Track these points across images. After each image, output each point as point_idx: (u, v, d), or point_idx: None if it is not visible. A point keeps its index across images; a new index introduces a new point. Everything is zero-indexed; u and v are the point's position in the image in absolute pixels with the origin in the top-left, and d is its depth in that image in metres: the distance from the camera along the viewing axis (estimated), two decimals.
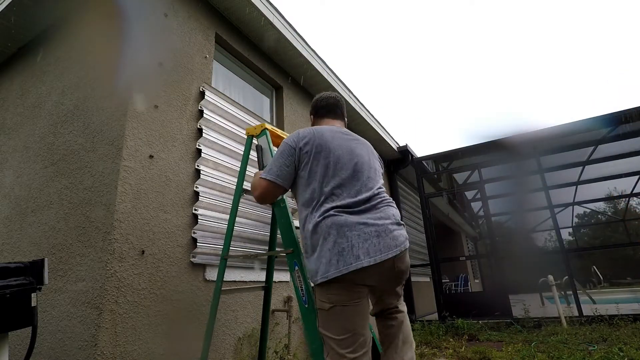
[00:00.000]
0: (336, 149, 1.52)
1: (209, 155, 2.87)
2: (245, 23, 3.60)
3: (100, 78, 2.66)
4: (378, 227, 1.37)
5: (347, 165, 1.49)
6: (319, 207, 1.42)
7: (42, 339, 2.17)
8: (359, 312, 1.36)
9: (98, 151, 2.39)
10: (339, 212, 1.39)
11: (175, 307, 2.34)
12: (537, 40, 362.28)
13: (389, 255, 1.34)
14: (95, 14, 2.87)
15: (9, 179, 3.05)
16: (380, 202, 1.47)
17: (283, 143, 1.59)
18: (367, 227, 1.36)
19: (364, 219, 1.38)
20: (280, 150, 1.57)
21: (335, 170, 1.47)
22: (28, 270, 1.40)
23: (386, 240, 1.36)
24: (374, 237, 1.35)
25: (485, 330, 5.33)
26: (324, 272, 1.33)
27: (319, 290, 1.40)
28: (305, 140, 1.53)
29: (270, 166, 1.56)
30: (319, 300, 1.40)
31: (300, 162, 1.52)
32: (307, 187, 1.48)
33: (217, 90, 3.15)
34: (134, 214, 2.22)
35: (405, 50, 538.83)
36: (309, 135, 1.55)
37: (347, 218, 1.37)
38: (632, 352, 3.44)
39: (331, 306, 1.35)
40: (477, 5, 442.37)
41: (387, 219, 1.42)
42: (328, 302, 1.36)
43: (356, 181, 1.47)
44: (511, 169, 7.68)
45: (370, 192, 1.46)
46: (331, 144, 1.52)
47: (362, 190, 1.46)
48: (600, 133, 6.63)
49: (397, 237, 1.40)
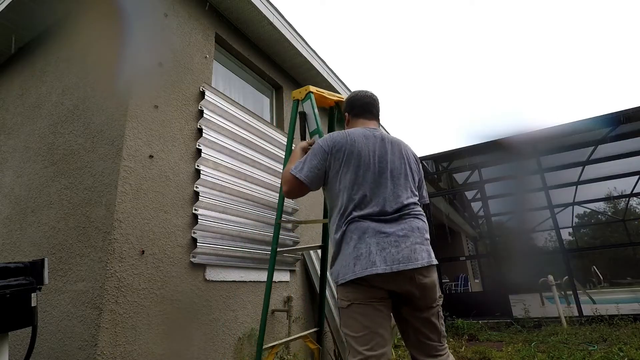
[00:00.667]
0: (367, 157, 1.52)
1: (209, 155, 2.87)
2: (245, 23, 3.60)
3: (100, 78, 2.66)
4: (398, 237, 1.39)
5: (377, 174, 1.51)
6: (346, 214, 1.47)
7: (42, 339, 2.17)
8: (377, 311, 1.38)
9: (98, 151, 2.39)
10: (363, 219, 1.43)
11: (175, 307, 2.34)
12: (537, 40, 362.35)
13: (407, 267, 1.34)
14: (95, 14, 2.87)
15: (9, 178, 3.06)
16: (407, 214, 1.47)
17: (317, 145, 1.60)
18: (387, 236, 1.39)
19: (385, 229, 1.41)
20: (314, 151, 1.58)
21: (365, 179, 1.49)
22: (28, 270, 1.40)
23: (405, 252, 1.37)
24: (393, 247, 1.37)
25: (485, 330, 5.33)
26: (344, 274, 1.40)
27: (340, 290, 1.46)
28: (338, 146, 1.55)
29: (302, 165, 1.57)
30: (340, 299, 1.46)
31: (331, 166, 1.54)
32: (337, 191, 1.53)
33: (217, 90, 3.15)
34: (134, 214, 2.22)
35: (405, 50, 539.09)
36: (342, 141, 1.56)
37: (370, 225, 1.41)
38: (632, 352, 3.44)
39: (349, 304, 1.40)
40: (477, 5, 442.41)
41: (410, 231, 1.43)
42: (346, 300, 1.41)
43: (384, 189, 1.49)
44: (511, 169, 7.68)
45: (398, 204, 1.47)
46: (363, 152, 1.53)
47: (389, 199, 1.47)
48: (600, 133, 6.63)
49: (418, 250, 1.40)
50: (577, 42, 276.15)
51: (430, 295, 1.43)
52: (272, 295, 3.26)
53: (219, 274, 2.75)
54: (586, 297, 7.42)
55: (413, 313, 1.45)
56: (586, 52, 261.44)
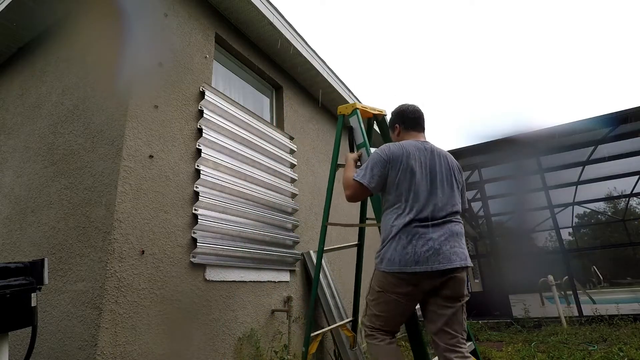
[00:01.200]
0: (419, 168, 1.77)
1: (209, 155, 2.87)
2: (245, 23, 3.60)
3: (100, 78, 2.66)
4: (445, 243, 1.64)
5: (428, 184, 1.75)
6: (399, 215, 1.71)
7: (42, 339, 2.17)
8: (398, 303, 1.69)
9: (98, 151, 2.39)
10: (412, 221, 1.67)
11: (175, 307, 2.34)
12: (537, 40, 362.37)
13: (447, 267, 1.59)
14: (95, 14, 2.87)
15: (9, 178, 3.06)
16: (450, 221, 1.72)
17: (376, 154, 1.83)
18: (432, 241, 1.63)
19: (430, 234, 1.65)
20: (374, 160, 1.81)
21: (419, 187, 1.73)
22: (28, 270, 1.40)
23: (445, 254, 1.61)
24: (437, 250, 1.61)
25: (485, 330, 5.34)
26: (388, 265, 1.66)
27: (377, 275, 1.74)
28: (394, 157, 1.78)
29: (364, 172, 1.80)
30: (375, 280, 1.75)
31: (389, 174, 1.78)
32: (393, 196, 1.76)
33: (217, 90, 3.15)
34: (134, 214, 2.22)
35: (405, 50, 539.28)
36: (398, 152, 1.79)
37: (419, 230, 1.66)
38: (632, 352, 3.44)
39: (380, 290, 1.72)
40: (477, 5, 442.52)
41: (450, 236, 1.67)
42: (378, 286, 1.72)
43: (434, 197, 1.73)
44: (511, 169, 7.68)
45: (444, 212, 1.71)
46: (415, 163, 1.77)
47: (437, 207, 1.71)
48: (600, 133, 6.63)
49: (457, 253, 1.65)
50: (577, 42, 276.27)
51: (460, 289, 1.67)
52: (272, 295, 3.27)
53: (218, 274, 2.75)
54: (586, 297, 7.42)
55: (441, 304, 1.67)
56: (586, 52, 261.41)
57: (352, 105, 2.30)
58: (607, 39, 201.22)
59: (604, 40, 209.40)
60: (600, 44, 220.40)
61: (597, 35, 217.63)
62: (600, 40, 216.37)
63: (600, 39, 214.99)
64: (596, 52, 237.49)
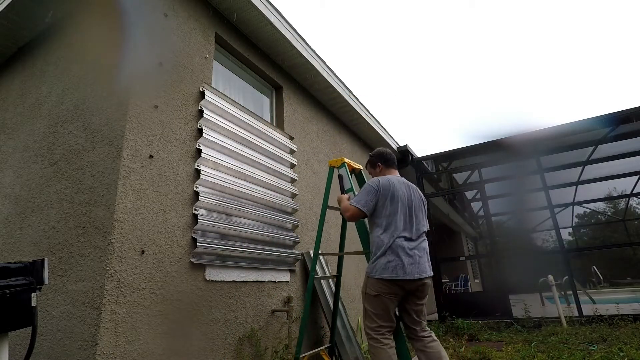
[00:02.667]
0: (401, 197, 2.31)
1: (209, 155, 2.87)
2: (245, 23, 3.60)
3: (100, 78, 2.66)
4: (419, 257, 2.22)
5: (408, 210, 2.31)
6: (388, 235, 2.22)
7: (42, 339, 2.17)
8: (391, 302, 2.20)
9: (98, 151, 2.39)
10: (399, 239, 2.20)
11: (175, 307, 2.34)
12: (537, 40, 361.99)
13: (422, 276, 2.18)
14: (95, 14, 2.87)
15: (9, 178, 3.05)
16: (423, 240, 2.32)
17: (369, 185, 2.36)
18: (414, 256, 2.20)
19: (411, 250, 2.20)
20: (367, 189, 2.35)
21: (401, 213, 2.28)
22: (28, 270, 1.40)
23: (420, 266, 2.20)
24: (415, 262, 2.18)
25: (485, 330, 5.33)
26: (380, 273, 2.16)
27: (371, 281, 2.22)
28: (384, 188, 2.32)
29: (360, 198, 2.33)
30: (369, 288, 2.23)
31: (379, 201, 2.30)
32: (383, 217, 2.27)
33: (217, 91, 3.15)
34: (134, 214, 2.22)
35: (405, 50, 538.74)
36: (386, 184, 2.34)
37: (405, 244, 2.20)
38: (632, 352, 3.44)
39: (376, 294, 2.18)
40: (478, 6, 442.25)
41: (423, 251, 2.28)
42: (375, 291, 2.19)
43: (413, 219, 2.30)
44: (511, 169, 7.67)
45: (418, 232, 2.30)
46: (399, 193, 2.32)
47: (414, 228, 2.28)
48: (600, 133, 6.63)
49: (426, 265, 2.26)
50: (577, 42, 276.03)
51: (427, 292, 2.30)
52: (272, 295, 3.27)
53: (219, 274, 2.75)
54: (586, 297, 7.42)
55: (414, 302, 2.27)
56: (586, 52, 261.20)
57: (341, 159, 2.98)
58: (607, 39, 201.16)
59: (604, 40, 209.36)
60: (601, 44, 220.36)
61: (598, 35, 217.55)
62: (601, 40, 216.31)
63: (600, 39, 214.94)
64: (596, 52, 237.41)
